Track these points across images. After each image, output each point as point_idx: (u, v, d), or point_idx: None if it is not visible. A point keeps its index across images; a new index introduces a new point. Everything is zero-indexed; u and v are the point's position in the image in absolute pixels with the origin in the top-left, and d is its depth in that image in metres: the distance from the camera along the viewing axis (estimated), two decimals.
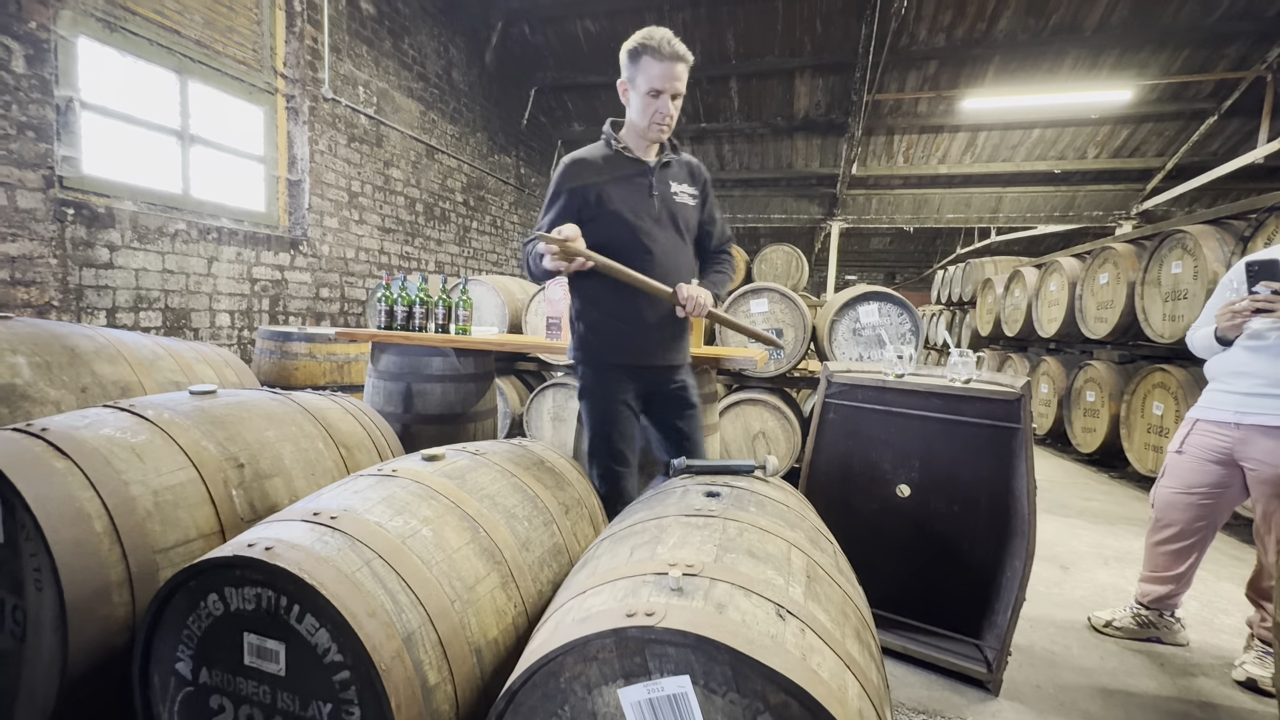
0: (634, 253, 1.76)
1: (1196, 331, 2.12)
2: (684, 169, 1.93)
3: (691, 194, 1.91)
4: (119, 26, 3.25)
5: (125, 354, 2.01)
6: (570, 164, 1.79)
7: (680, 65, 1.68)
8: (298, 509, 1.15)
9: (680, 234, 1.87)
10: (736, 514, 1.15)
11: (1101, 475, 4.98)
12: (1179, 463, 2.08)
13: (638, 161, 1.81)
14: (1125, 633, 2.21)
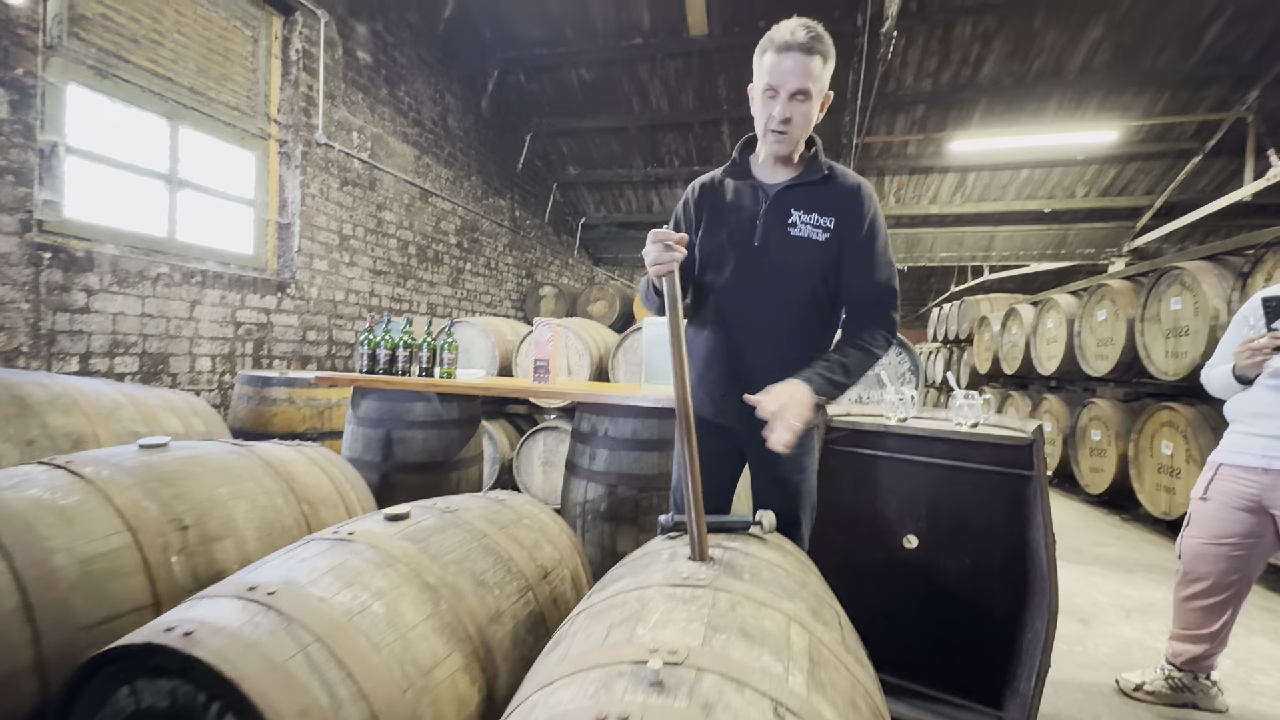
0: (720, 301, 1.46)
1: (1213, 370, 2.02)
2: (824, 192, 1.43)
3: (820, 225, 1.41)
4: (110, 74, 3.26)
5: (82, 403, 1.89)
6: (691, 189, 1.57)
7: (804, 56, 1.30)
8: (233, 581, 1.02)
9: (788, 282, 1.43)
10: (729, 583, 1.03)
11: (1113, 517, 4.81)
12: (1205, 510, 1.95)
13: (750, 185, 1.47)
14: (1158, 697, 2.03)
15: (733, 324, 1.47)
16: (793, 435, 1.25)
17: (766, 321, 1.45)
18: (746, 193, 1.49)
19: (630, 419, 2.36)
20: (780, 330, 1.45)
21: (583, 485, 2.41)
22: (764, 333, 1.45)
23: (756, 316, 1.45)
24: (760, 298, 1.44)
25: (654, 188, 9.38)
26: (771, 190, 1.46)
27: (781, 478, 1.55)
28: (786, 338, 1.46)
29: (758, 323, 1.46)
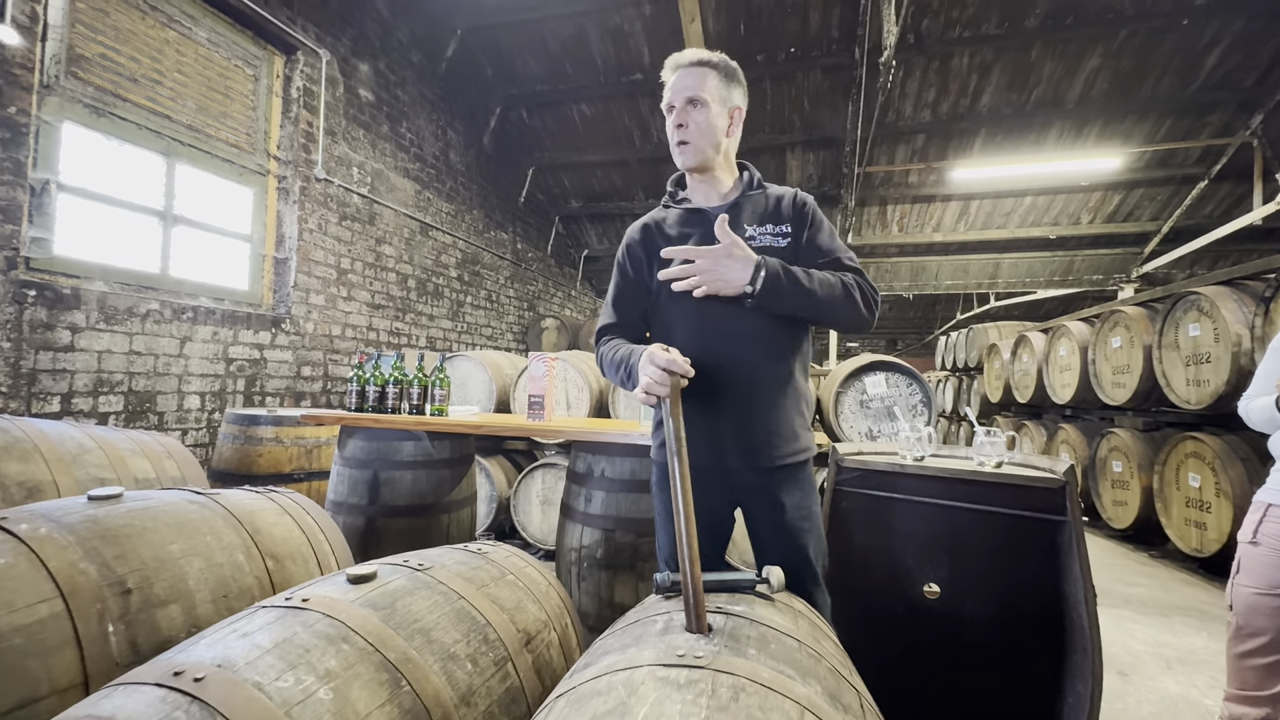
0: (697, 334, 1.37)
1: (1253, 402, 1.87)
2: (766, 203, 1.43)
3: (778, 233, 1.40)
4: (107, 112, 3.25)
5: (43, 449, 1.78)
6: (629, 235, 1.48)
7: (690, 68, 1.35)
8: (158, 664, 0.89)
9: None
10: (731, 661, 0.88)
11: (1140, 554, 4.57)
12: (1256, 556, 1.78)
13: (695, 211, 1.43)
14: None
15: (711, 355, 1.34)
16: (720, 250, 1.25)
17: (746, 341, 1.36)
18: (694, 219, 1.42)
19: (629, 458, 2.23)
20: (760, 347, 1.37)
21: (578, 530, 2.27)
22: (744, 354, 1.36)
23: (734, 339, 1.35)
24: (735, 317, 1.34)
25: None
26: (716, 212, 1.39)
27: (787, 525, 1.39)
28: (767, 354, 1.38)
29: (737, 345, 1.36)
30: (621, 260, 1.48)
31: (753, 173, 1.48)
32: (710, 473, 1.38)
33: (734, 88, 1.41)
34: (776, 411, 1.37)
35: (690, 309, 1.36)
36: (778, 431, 1.37)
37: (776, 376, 1.38)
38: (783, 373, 1.39)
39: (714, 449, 1.36)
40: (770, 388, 1.37)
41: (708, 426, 1.36)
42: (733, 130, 1.42)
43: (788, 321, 1.38)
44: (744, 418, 1.36)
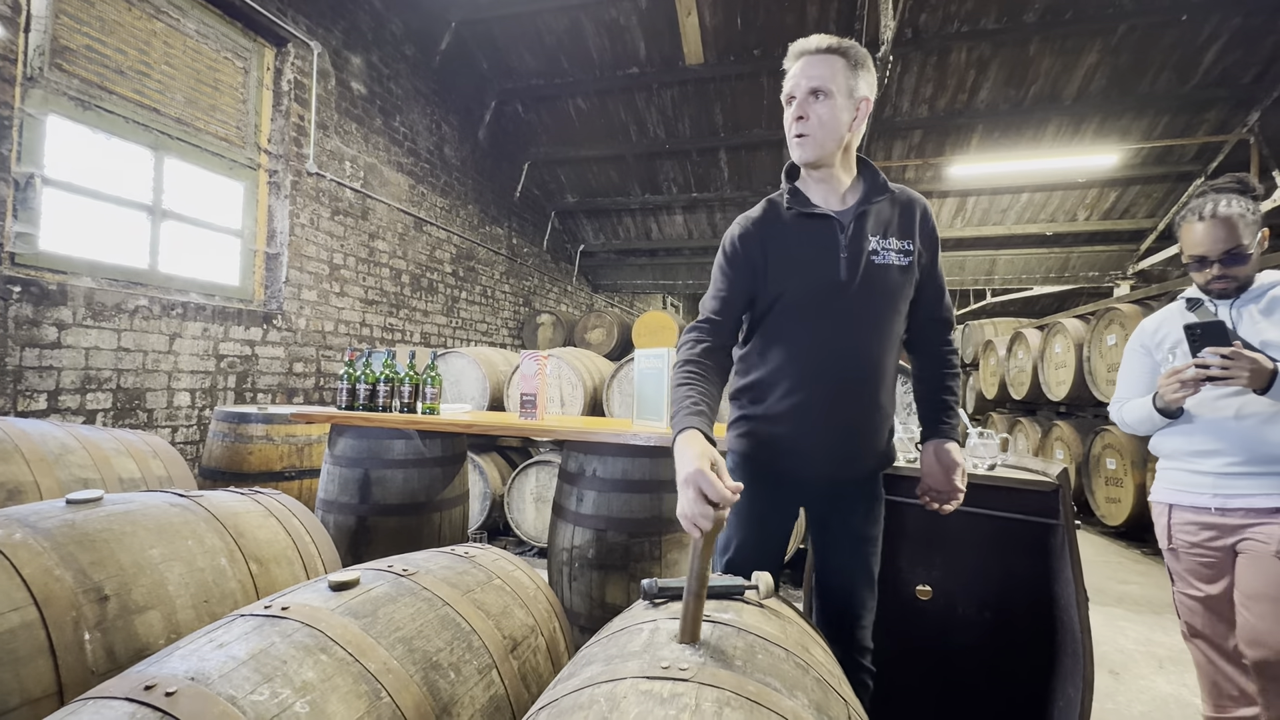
0: (813, 344, 1.32)
1: (1126, 405, 1.84)
2: (894, 213, 1.36)
3: (899, 249, 1.33)
4: (93, 105, 3.20)
5: (24, 449, 1.75)
6: (737, 230, 1.38)
7: (815, 56, 1.26)
8: (130, 677, 0.87)
9: (880, 313, 1.33)
10: (716, 673, 0.87)
11: (1134, 551, 4.59)
12: (1176, 561, 1.77)
13: (822, 217, 1.32)
14: None
15: (829, 370, 1.32)
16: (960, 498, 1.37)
17: (861, 358, 1.33)
18: (815, 223, 1.33)
19: (620, 458, 2.21)
20: (875, 365, 1.34)
21: (569, 530, 2.25)
22: (858, 370, 1.33)
23: (849, 355, 1.32)
24: (853, 335, 1.32)
25: (652, 215, 9.36)
26: (845, 217, 1.32)
27: (861, 533, 1.40)
28: (880, 371, 1.35)
29: (851, 361, 1.32)
30: (731, 253, 1.37)
31: (875, 172, 1.38)
32: (795, 479, 1.40)
33: (862, 77, 1.29)
34: (877, 427, 1.37)
35: (827, 320, 1.32)
36: (874, 445, 1.38)
37: (884, 393, 1.37)
38: (887, 390, 1.38)
39: (812, 459, 1.36)
40: (878, 403, 1.36)
41: (813, 435, 1.35)
42: (857, 124, 1.31)
43: (897, 343, 1.39)
44: (849, 432, 1.35)
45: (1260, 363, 1.45)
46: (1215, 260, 1.62)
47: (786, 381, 1.33)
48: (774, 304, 1.35)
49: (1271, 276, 1.65)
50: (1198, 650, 1.79)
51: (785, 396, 1.34)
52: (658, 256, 10.45)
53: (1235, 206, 1.60)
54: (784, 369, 1.34)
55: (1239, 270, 1.62)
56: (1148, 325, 1.86)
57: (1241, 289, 1.65)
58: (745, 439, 1.42)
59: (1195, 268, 1.68)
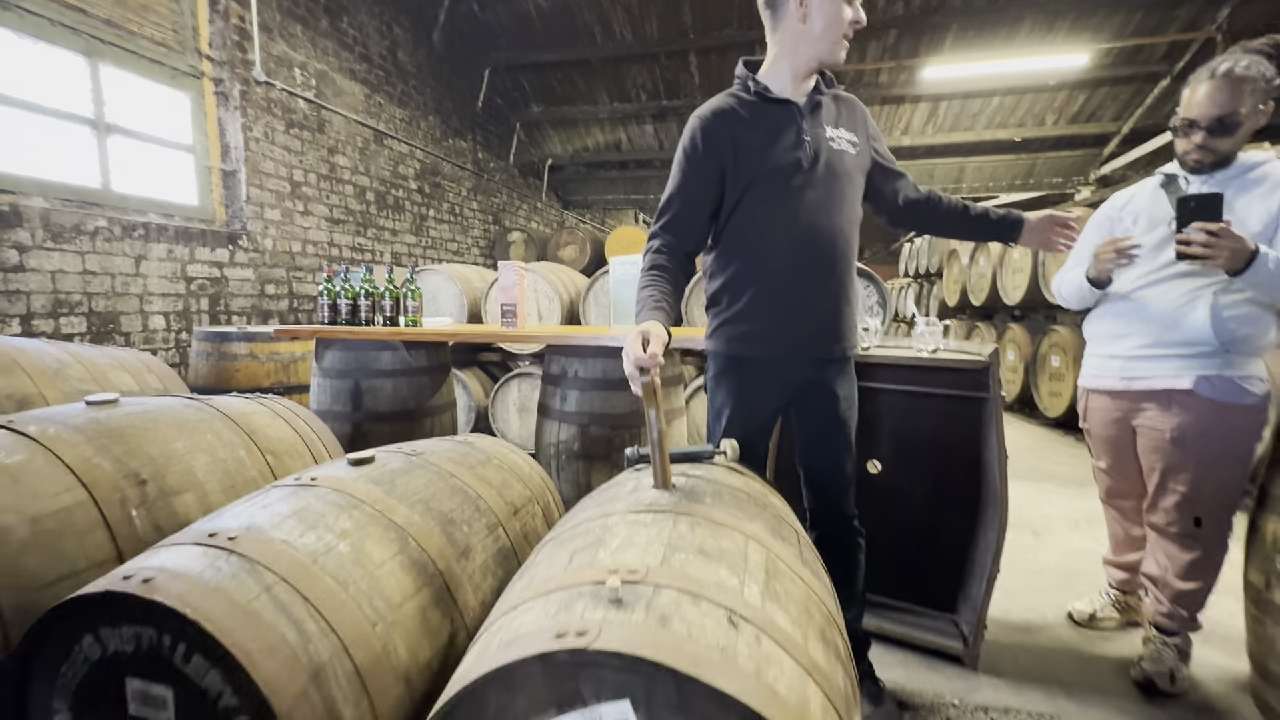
0: (785, 227, 1.39)
1: (1065, 275, 1.94)
2: (839, 107, 1.49)
3: (850, 139, 1.46)
4: (13, 5, 2.95)
5: (23, 363, 1.81)
6: (699, 121, 1.40)
7: None
8: (193, 530, 1.02)
9: (841, 194, 1.43)
10: (690, 507, 1.05)
11: (1069, 439, 5.05)
12: (1090, 438, 2.04)
13: (783, 103, 1.40)
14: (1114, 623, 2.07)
15: (803, 253, 1.40)
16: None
17: (832, 237, 1.42)
18: (778, 112, 1.40)
19: (600, 359, 2.36)
20: (845, 244, 1.45)
21: (555, 426, 2.43)
22: (827, 251, 1.42)
23: (821, 236, 1.41)
24: (822, 216, 1.40)
25: (621, 124, 9.05)
26: (805, 107, 1.41)
27: (840, 415, 1.52)
28: (850, 250, 1.47)
29: (829, 245, 1.42)
30: (693, 146, 1.41)
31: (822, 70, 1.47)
32: (778, 365, 1.47)
33: None
34: (848, 307, 1.48)
35: (787, 209, 1.39)
36: (848, 325, 1.49)
37: (850, 275, 1.47)
38: (852, 271, 1.48)
39: (789, 341, 1.45)
40: (846, 285, 1.46)
41: (790, 320, 1.43)
42: None
43: (857, 223, 1.50)
44: (825, 313, 1.45)
45: (1244, 243, 1.46)
46: (1203, 128, 1.59)
47: (764, 270, 1.42)
48: (744, 195, 1.41)
49: (1254, 156, 1.63)
50: (1106, 509, 2.10)
51: (764, 285, 1.42)
52: (628, 169, 10.20)
53: (1252, 69, 1.54)
54: (760, 259, 1.42)
55: (1221, 143, 1.59)
56: (1118, 198, 1.90)
57: (1218, 165, 1.63)
58: (728, 340, 1.49)
59: (1181, 133, 1.66)
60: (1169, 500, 1.71)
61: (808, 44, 1.38)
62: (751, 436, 1.51)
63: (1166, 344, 1.70)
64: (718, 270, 1.51)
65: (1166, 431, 1.70)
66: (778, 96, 1.41)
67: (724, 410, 1.54)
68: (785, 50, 1.41)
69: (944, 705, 1.66)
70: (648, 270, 1.41)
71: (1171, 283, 1.69)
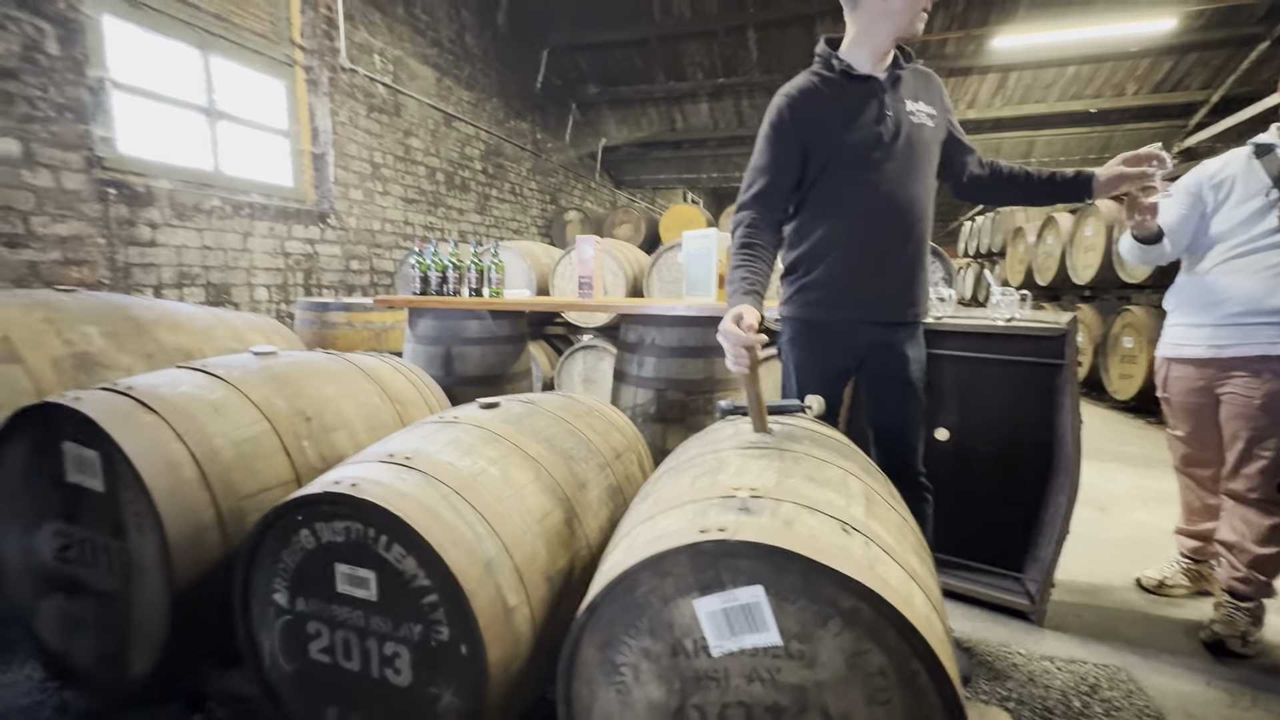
0: (865, 199, 1.48)
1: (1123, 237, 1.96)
2: (917, 81, 1.55)
3: (929, 113, 1.52)
4: (140, 2, 3.26)
5: (183, 323, 2.09)
6: (785, 99, 1.48)
7: None
8: (371, 452, 1.22)
9: (920, 166, 1.51)
10: (792, 446, 1.19)
11: (1138, 421, 4.91)
12: (1168, 407, 2.04)
13: (865, 79, 1.47)
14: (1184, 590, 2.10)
15: (884, 220, 1.49)
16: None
17: (912, 206, 1.49)
18: (861, 87, 1.48)
19: (676, 328, 2.50)
20: (918, 215, 1.51)
21: (632, 391, 2.59)
22: (904, 221, 1.50)
23: (905, 206, 1.49)
24: (902, 185, 1.48)
25: (676, 104, 9.05)
26: (887, 82, 1.48)
27: (910, 378, 1.59)
28: (927, 217, 1.54)
29: (908, 212, 1.49)
30: (781, 121, 1.48)
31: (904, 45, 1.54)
32: (852, 329, 1.56)
33: None
34: (922, 274, 1.56)
35: (868, 181, 1.47)
36: (920, 292, 1.58)
37: (924, 243, 1.55)
38: (926, 240, 1.56)
39: (863, 305, 1.54)
40: (921, 253, 1.54)
41: (867, 287, 1.52)
42: None
43: (933, 192, 1.56)
44: (899, 279, 1.53)
45: None
46: None
47: (841, 239, 1.51)
48: (826, 167, 1.49)
49: None
50: (1181, 478, 2.13)
51: (841, 254, 1.51)
52: (682, 149, 10.20)
53: None
54: (838, 228, 1.51)
55: None
56: (1208, 165, 1.89)
57: None
58: (803, 305, 1.59)
59: None
60: (1253, 466, 1.74)
61: (888, 20, 1.43)
62: (824, 397, 1.60)
63: (1261, 312, 1.72)
64: (796, 240, 1.60)
65: (1256, 399, 1.73)
66: (860, 73, 1.47)
67: (799, 371, 1.65)
68: (866, 28, 1.46)
69: (1010, 654, 1.75)
70: (740, 249, 1.49)
71: (1267, 253, 1.71)
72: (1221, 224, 1.81)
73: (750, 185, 1.54)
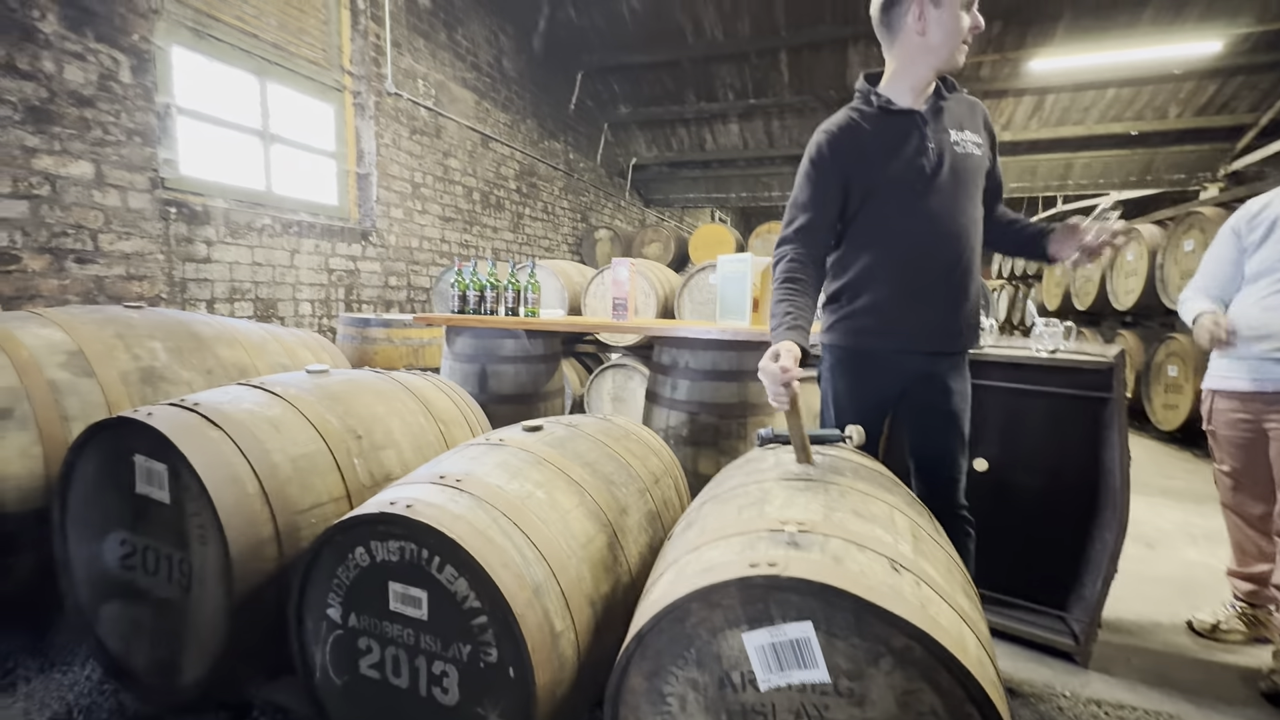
0: (909, 230, 1.48)
1: (1188, 302, 1.98)
2: (962, 109, 1.53)
3: (976, 141, 1.51)
4: (205, 34, 3.45)
5: (240, 339, 2.18)
6: (825, 136, 1.50)
7: None
8: (423, 473, 1.26)
9: (966, 196, 1.49)
10: (835, 478, 1.19)
11: (1184, 454, 4.74)
12: (1214, 441, 1.98)
13: (905, 113, 1.47)
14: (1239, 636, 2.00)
15: (931, 250, 1.48)
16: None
17: (957, 238, 1.48)
18: (901, 121, 1.48)
19: (710, 351, 2.51)
20: (969, 243, 1.50)
21: (665, 413, 2.61)
22: (948, 253, 1.49)
23: (946, 237, 1.48)
24: (946, 218, 1.47)
25: (706, 124, 9.15)
26: (926, 114, 1.47)
27: (951, 410, 1.57)
28: (973, 248, 1.52)
29: (955, 242, 1.48)
30: (822, 156, 1.50)
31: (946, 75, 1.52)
32: (893, 359, 1.55)
33: None
34: (967, 305, 1.53)
35: (911, 214, 1.47)
36: (965, 323, 1.55)
37: (971, 274, 1.52)
38: (973, 271, 1.53)
39: (905, 336, 1.52)
40: (966, 284, 1.51)
41: (909, 318, 1.51)
42: None
43: (980, 221, 1.55)
44: (942, 310, 1.51)
45: None
46: None
47: (884, 271, 1.51)
48: (866, 201, 1.51)
49: None
50: (1229, 516, 2.05)
51: (884, 286, 1.51)
52: (711, 169, 10.28)
53: None
54: (881, 261, 1.51)
55: None
56: (1252, 205, 1.89)
57: None
58: (846, 334, 1.58)
59: None
60: None
61: (928, 55, 1.44)
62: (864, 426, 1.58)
63: None
64: (839, 271, 1.61)
65: None
66: (899, 107, 1.48)
67: (838, 399, 1.65)
68: (905, 63, 1.47)
69: (1054, 695, 1.70)
70: (783, 282, 1.49)
71: None
72: (1263, 261, 1.81)
73: (791, 220, 1.55)
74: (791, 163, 9.68)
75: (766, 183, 9.96)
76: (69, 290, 2.77)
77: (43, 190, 2.67)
